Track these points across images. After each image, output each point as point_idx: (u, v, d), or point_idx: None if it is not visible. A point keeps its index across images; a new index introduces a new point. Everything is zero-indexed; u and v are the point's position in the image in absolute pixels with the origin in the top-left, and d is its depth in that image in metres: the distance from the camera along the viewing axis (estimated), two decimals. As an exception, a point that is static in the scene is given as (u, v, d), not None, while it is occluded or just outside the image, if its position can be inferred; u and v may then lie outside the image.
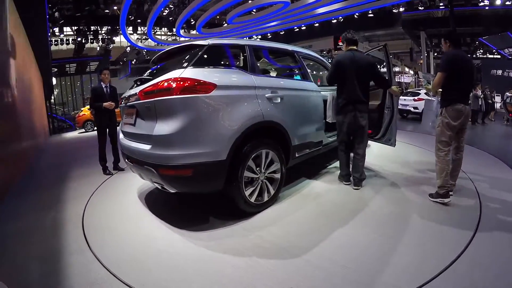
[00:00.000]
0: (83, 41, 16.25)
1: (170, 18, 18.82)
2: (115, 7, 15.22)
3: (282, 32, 22.63)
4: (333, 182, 3.26)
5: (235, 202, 2.38)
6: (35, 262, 2.08)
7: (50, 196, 3.51)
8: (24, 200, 3.51)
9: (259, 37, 24.09)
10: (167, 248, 2.06)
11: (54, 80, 14.15)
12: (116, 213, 2.82)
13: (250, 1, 13.42)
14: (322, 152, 3.47)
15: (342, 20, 18.18)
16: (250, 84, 2.48)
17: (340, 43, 3.05)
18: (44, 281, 1.84)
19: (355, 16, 16.99)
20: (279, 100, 2.69)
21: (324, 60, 3.90)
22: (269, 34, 24.09)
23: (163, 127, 2.10)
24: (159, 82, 2.20)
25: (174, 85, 2.08)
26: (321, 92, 3.32)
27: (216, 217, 2.48)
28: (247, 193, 2.40)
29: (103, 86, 4.26)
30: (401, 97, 10.45)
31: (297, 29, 21.06)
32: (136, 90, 2.47)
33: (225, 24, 18.69)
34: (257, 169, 2.51)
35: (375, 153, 4.52)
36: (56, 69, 18.17)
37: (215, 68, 2.39)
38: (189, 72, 2.18)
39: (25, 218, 2.90)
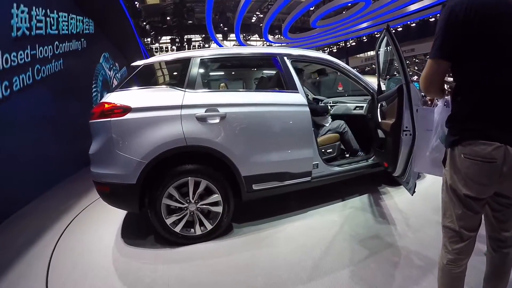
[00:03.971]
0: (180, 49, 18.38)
1: (261, 25, 19.37)
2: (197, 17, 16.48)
3: (377, 34, 20.52)
4: (309, 230, 2.41)
5: (155, 228, 2.23)
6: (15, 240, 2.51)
7: (79, 188, 3.82)
8: (68, 187, 4.09)
9: (355, 39, 22.57)
10: (98, 255, 2.21)
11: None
12: (95, 220, 2.91)
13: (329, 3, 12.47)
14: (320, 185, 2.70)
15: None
16: (174, 104, 2.18)
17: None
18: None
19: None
20: (217, 120, 2.19)
21: (335, 61, 2.99)
22: (364, 37, 22.26)
23: (92, 147, 2.28)
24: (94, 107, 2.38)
25: (96, 110, 2.21)
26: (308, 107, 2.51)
27: (156, 237, 2.36)
28: (168, 221, 2.20)
29: None
30: None
31: (393, 31, 18.68)
32: None
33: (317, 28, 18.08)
34: (186, 198, 2.21)
35: (421, 190, 2.85)
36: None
37: (138, 89, 2.36)
38: (112, 96, 2.24)
39: (46, 202, 3.44)
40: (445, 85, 1.23)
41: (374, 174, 3.12)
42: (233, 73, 3.44)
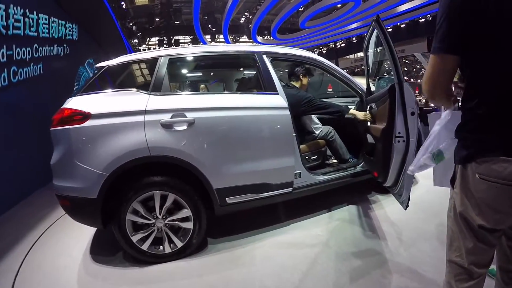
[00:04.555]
0: (168, 50, 18.12)
1: (249, 25, 19.19)
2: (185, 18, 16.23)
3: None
4: (289, 246, 2.20)
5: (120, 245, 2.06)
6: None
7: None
8: (47, 194, 3.79)
9: (345, 40, 22.61)
10: (64, 272, 2.09)
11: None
12: (68, 231, 2.72)
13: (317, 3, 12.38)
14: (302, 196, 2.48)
15: (430, 18, 15.04)
16: (137, 109, 1.97)
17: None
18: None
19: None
20: (184, 127, 1.97)
21: (321, 59, 2.78)
22: (354, 38, 22.29)
23: (53, 157, 2.07)
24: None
25: (56, 117, 2.03)
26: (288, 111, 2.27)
27: (125, 254, 2.17)
28: (134, 238, 2.00)
29: None
30: None
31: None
32: None
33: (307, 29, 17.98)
34: (153, 213, 2.00)
35: (415, 199, 2.54)
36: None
37: (100, 93, 2.13)
38: (72, 101, 2.04)
39: (25, 208, 3.35)
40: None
41: (363, 181, 2.92)
42: (211, 74, 3.20)
